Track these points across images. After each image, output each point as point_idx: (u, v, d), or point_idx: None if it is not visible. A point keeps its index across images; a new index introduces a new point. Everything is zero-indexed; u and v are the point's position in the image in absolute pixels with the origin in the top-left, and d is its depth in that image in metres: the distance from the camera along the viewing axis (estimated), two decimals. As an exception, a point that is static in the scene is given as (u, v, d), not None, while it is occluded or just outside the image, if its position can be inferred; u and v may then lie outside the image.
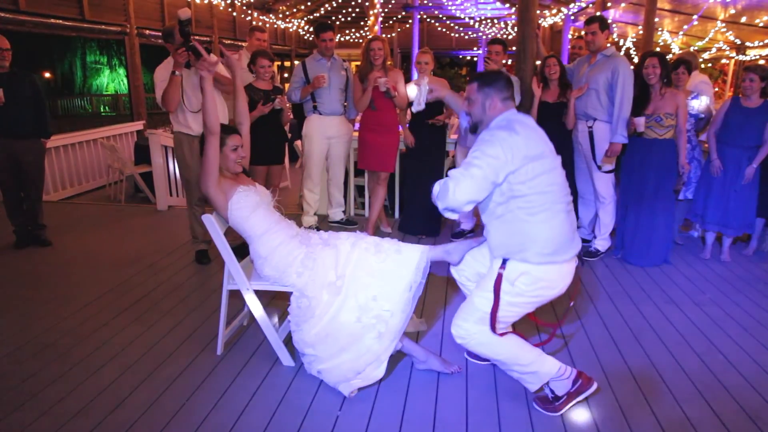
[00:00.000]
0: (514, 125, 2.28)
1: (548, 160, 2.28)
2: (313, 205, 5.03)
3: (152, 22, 10.63)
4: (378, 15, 9.43)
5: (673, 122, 4.07)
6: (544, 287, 2.34)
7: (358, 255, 2.64)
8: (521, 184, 2.22)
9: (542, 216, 2.25)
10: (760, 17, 9.77)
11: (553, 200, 2.27)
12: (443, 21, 18.53)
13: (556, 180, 2.29)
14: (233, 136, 2.82)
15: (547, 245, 2.26)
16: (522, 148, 2.21)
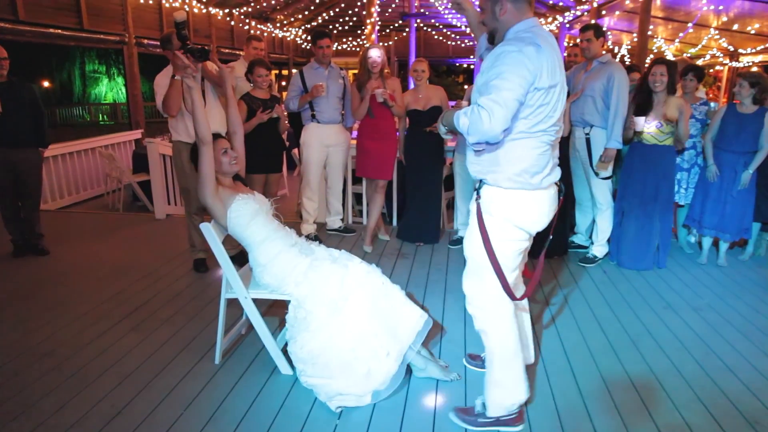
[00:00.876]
0: (539, 40, 2.04)
1: (557, 91, 2.09)
2: (312, 213, 5.03)
3: (151, 32, 10.67)
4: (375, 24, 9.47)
5: (672, 129, 4.10)
6: (520, 217, 2.19)
7: (370, 286, 2.64)
8: (525, 107, 2.06)
9: (524, 142, 2.12)
10: (752, 25, 9.86)
11: (541, 132, 2.12)
12: (440, 29, 18.64)
13: (554, 114, 2.12)
14: (219, 141, 2.83)
15: (516, 167, 2.13)
16: (547, 71, 2.02)
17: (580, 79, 4.39)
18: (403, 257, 4.64)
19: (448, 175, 5.36)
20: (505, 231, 2.21)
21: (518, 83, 1.97)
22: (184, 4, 11.40)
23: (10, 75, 4.44)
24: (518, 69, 1.97)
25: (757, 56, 11.63)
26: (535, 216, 2.22)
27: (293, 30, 17.57)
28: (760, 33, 10.09)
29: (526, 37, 2.04)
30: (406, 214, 5.12)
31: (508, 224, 2.20)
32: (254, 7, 14.09)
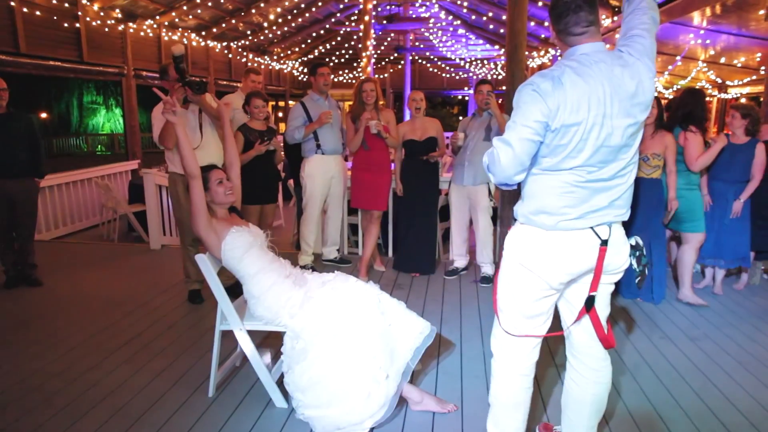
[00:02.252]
0: (570, 72, 1.86)
1: (582, 130, 1.85)
2: (312, 245, 5.02)
3: (149, 64, 10.81)
4: (371, 56, 9.65)
5: (660, 162, 4.15)
6: (529, 257, 1.99)
7: (365, 307, 2.64)
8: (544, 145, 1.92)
9: (543, 178, 1.96)
10: (738, 58, 10.08)
11: (566, 171, 1.91)
12: (434, 62, 18.97)
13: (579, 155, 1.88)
14: (214, 171, 2.85)
15: (533, 203, 1.98)
16: (568, 108, 1.83)
17: None
18: (399, 288, 4.62)
19: (443, 205, 5.40)
20: (514, 269, 2.05)
21: (531, 122, 1.85)
22: (183, 37, 11.59)
23: (9, 106, 4.48)
24: (530, 107, 1.85)
25: (745, 88, 11.86)
26: (547, 260, 1.97)
27: (290, 62, 17.84)
28: (746, 66, 10.31)
29: (556, 69, 1.90)
30: (401, 244, 5.12)
31: (516, 263, 2.03)
32: (252, 41, 14.33)
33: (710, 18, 8.33)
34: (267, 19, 13.40)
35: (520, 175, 1.92)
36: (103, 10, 9.09)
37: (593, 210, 1.95)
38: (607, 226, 1.99)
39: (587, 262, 1.99)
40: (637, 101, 1.88)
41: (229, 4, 11.69)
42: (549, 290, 2.02)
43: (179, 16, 10.96)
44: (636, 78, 1.87)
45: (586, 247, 1.97)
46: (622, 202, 2.00)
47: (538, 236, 1.98)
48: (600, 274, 2.01)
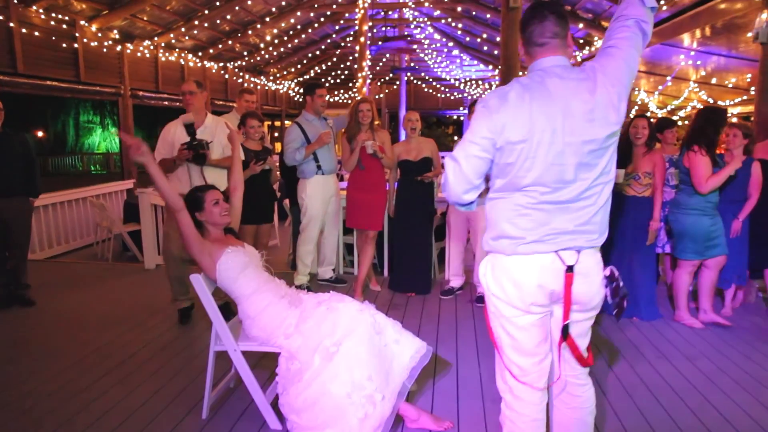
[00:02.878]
0: (513, 89, 1.84)
1: (527, 148, 1.80)
2: (310, 265, 5.00)
3: (146, 84, 10.88)
4: (366, 77, 9.74)
5: (650, 181, 4.19)
6: (494, 284, 1.93)
7: (362, 328, 2.62)
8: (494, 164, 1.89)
9: (499, 202, 1.91)
10: (729, 79, 10.24)
11: (518, 192, 1.86)
12: (429, 82, 19.17)
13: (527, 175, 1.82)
14: (210, 192, 2.84)
15: (494, 229, 1.92)
16: (514, 126, 1.79)
17: None
18: (395, 308, 4.61)
19: (438, 225, 5.40)
20: (489, 301, 1.98)
21: (477, 138, 1.83)
22: (180, 57, 11.68)
23: (4, 125, 4.49)
24: (478, 123, 1.84)
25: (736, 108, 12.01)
26: (510, 285, 1.88)
27: (286, 83, 17.98)
28: (737, 86, 10.47)
29: (508, 85, 1.88)
30: (397, 264, 5.11)
31: (489, 294, 1.97)
32: (248, 61, 14.46)
33: (700, 40, 8.48)
34: (263, 40, 13.55)
35: (469, 194, 1.88)
36: (101, 30, 9.17)
37: (555, 233, 1.84)
38: (575, 251, 1.86)
39: (552, 288, 1.87)
40: (595, 118, 1.78)
41: (226, 26, 11.82)
42: (527, 314, 1.90)
43: (176, 37, 11.07)
44: (595, 94, 1.78)
45: (548, 272, 1.86)
46: (592, 226, 1.86)
47: (501, 262, 1.91)
48: (569, 302, 1.88)
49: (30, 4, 7.82)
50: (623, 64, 1.83)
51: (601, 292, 1.94)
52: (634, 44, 1.86)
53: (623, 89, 1.82)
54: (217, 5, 10.44)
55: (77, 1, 8.52)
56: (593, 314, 2.00)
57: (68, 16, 8.51)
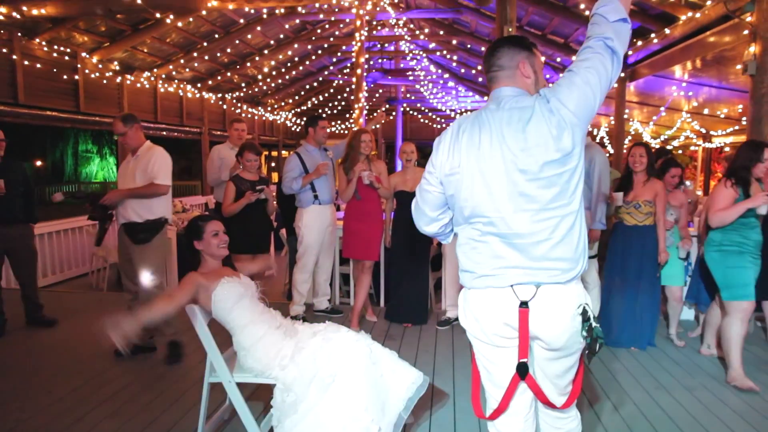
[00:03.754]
0: (453, 125, 1.93)
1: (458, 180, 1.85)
2: (305, 294, 4.98)
3: (145, 114, 10.97)
4: (363, 108, 9.86)
5: (651, 209, 4.21)
6: (462, 316, 1.97)
7: (357, 358, 2.61)
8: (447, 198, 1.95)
9: (459, 236, 1.95)
10: (720, 109, 10.40)
11: (466, 224, 1.89)
12: (425, 113, 19.39)
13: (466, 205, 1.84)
14: (212, 222, 2.86)
15: (459, 262, 1.96)
16: (448, 157, 1.88)
17: None
18: (391, 339, 4.57)
19: (435, 255, 5.40)
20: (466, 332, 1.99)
21: (427, 174, 1.95)
22: (179, 89, 11.82)
23: (4, 155, 4.57)
24: (429, 160, 1.96)
25: (729, 137, 12.16)
26: (469, 319, 1.91)
27: (283, 113, 18.18)
28: (728, 117, 10.62)
29: (456, 120, 1.95)
30: (393, 294, 5.10)
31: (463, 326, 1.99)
32: (246, 92, 14.63)
33: (691, 71, 8.64)
34: (261, 71, 13.74)
35: (429, 226, 1.99)
36: (101, 62, 9.30)
37: (508, 267, 1.78)
38: (533, 286, 1.78)
39: (509, 321, 1.80)
40: (528, 147, 1.74)
41: (224, 57, 12.01)
42: (492, 348, 1.87)
43: (176, 68, 11.22)
44: (529, 123, 1.75)
45: (503, 307, 1.80)
46: (552, 262, 1.77)
47: (464, 295, 1.94)
48: (526, 339, 1.78)
49: (33, 36, 7.95)
50: (575, 90, 1.74)
51: (570, 331, 1.79)
52: (594, 66, 1.76)
53: (571, 116, 1.73)
54: (216, 38, 10.62)
55: (79, 34, 8.66)
56: (567, 355, 1.86)
57: (70, 48, 8.65)
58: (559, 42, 10.23)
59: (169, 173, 4.10)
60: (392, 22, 11.92)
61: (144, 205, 4.02)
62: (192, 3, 6.39)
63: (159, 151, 4.11)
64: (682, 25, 6.99)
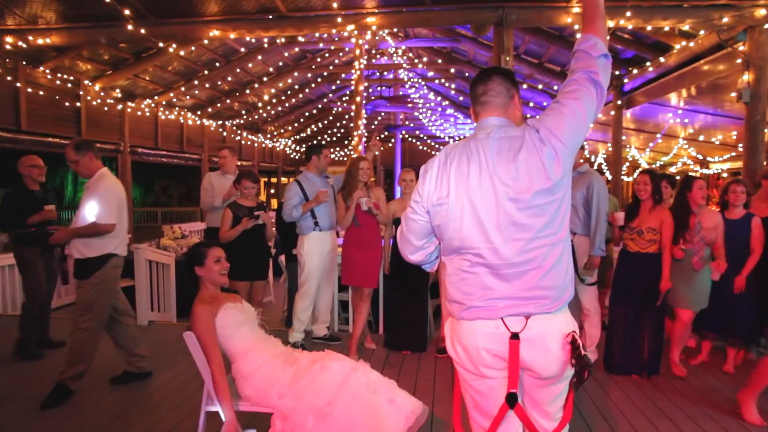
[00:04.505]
0: (440, 154, 1.93)
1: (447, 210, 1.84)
2: (305, 322, 4.95)
3: (145, 141, 11.06)
4: (362, 135, 9.94)
5: (655, 237, 4.20)
6: (450, 347, 1.94)
7: (355, 387, 2.59)
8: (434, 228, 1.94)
9: (447, 266, 1.94)
10: (716, 136, 10.50)
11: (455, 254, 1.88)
12: (424, 140, 19.55)
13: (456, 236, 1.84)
14: (214, 249, 2.86)
15: (447, 292, 1.93)
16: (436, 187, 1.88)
17: None
18: (390, 366, 4.53)
19: (434, 282, 5.38)
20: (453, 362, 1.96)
21: (412, 202, 1.95)
22: (180, 116, 11.94)
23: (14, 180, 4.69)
24: (415, 189, 1.97)
25: (726, 164, 12.25)
26: (458, 350, 1.89)
27: (283, 140, 18.32)
28: (724, 143, 10.72)
29: (443, 149, 1.96)
30: (392, 321, 5.06)
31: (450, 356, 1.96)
32: (246, 119, 14.77)
33: (686, 99, 8.75)
34: (261, 99, 13.90)
35: (415, 255, 1.97)
36: (104, 89, 9.41)
37: (498, 298, 1.78)
38: (523, 317, 1.78)
39: (499, 353, 1.80)
40: (519, 176, 1.75)
41: (225, 85, 12.15)
42: (478, 378, 1.87)
43: (177, 96, 11.35)
44: (520, 152, 1.76)
45: (493, 339, 1.79)
46: (542, 291, 1.77)
47: (453, 325, 1.92)
48: (516, 370, 1.78)
49: (38, 65, 8.07)
50: (563, 120, 1.77)
51: (560, 359, 1.79)
52: (581, 97, 1.79)
53: (561, 146, 1.75)
54: (217, 66, 10.77)
55: (83, 62, 8.78)
56: (556, 383, 1.86)
57: (73, 76, 8.76)
58: (556, 70, 10.38)
59: (112, 210, 3.83)
60: (391, 50, 12.10)
61: (82, 241, 3.82)
62: (194, 32, 6.49)
63: (104, 185, 3.84)
64: (676, 54, 7.11)
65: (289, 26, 6.26)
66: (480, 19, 5.98)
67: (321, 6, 5.97)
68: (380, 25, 6.24)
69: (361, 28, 6.25)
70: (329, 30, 6.52)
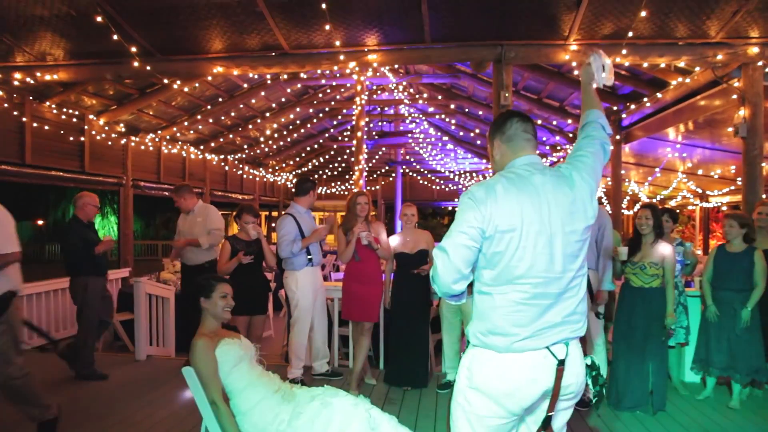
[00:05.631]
0: (498, 183, 1.93)
1: (516, 236, 1.87)
2: (303, 358, 4.89)
3: (148, 175, 11.13)
4: (363, 169, 10.01)
5: (657, 271, 4.19)
6: (484, 383, 1.87)
7: (356, 424, 2.55)
8: (482, 255, 1.93)
9: (489, 297, 1.91)
10: (714, 170, 10.57)
11: (508, 284, 1.88)
12: (425, 174, 19.67)
13: (520, 264, 1.87)
14: (222, 284, 2.86)
15: (483, 324, 1.90)
16: (501, 215, 1.87)
17: None
18: (390, 403, 4.45)
19: (435, 317, 5.34)
20: (470, 395, 1.92)
21: (465, 228, 1.87)
22: (182, 150, 12.05)
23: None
24: (465, 213, 1.89)
25: (725, 197, 12.28)
26: (504, 385, 1.86)
27: (284, 174, 18.44)
28: (723, 177, 10.77)
29: (492, 179, 1.98)
30: (393, 357, 5.01)
31: (472, 388, 1.91)
32: (248, 154, 14.90)
33: (684, 134, 8.84)
34: (263, 133, 14.05)
35: (458, 284, 1.88)
36: (108, 124, 9.52)
37: (546, 327, 1.87)
38: (563, 344, 1.90)
39: (545, 384, 1.87)
40: (575, 210, 1.93)
41: (227, 120, 12.30)
42: (508, 417, 1.89)
43: (180, 130, 11.48)
44: (573, 189, 1.95)
45: (543, 369, 1.86)
46: (577, 316, 1.93)
47: (493, 359, 1.88)
48: (557, 395, 1.89)
49: (44, 100, 8.19)
50: (591, 168, 2.03)
51: (584, 381, 1.98)
52: (599, 158, 2.08)
53: (594, 189, 2.00)
54: (220, 101, 10.92)
55: (88, 97, 8.91)
56: (573, 403, 2.03)
57: (78, 110, 8.88)
58: (555, 105, 10.51)
59: (10, 238, 3.44)
60: (392, 86, 12.28)
61: None
62: (198, 69, 6.61)
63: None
64: (673, 90, 7.22)
65: (292, 63, 6.37)
66: (479, 57, 6.09)
67: (323, 44, 6.08)
68: (381, 62, 6.36)
69: (363, 65, 6.37)
70: (331, 67, 6.64)
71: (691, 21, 5.33)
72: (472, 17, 5.68)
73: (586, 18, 5.33)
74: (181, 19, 5.63)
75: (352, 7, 5.46)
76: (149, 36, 5.98)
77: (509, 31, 5.81)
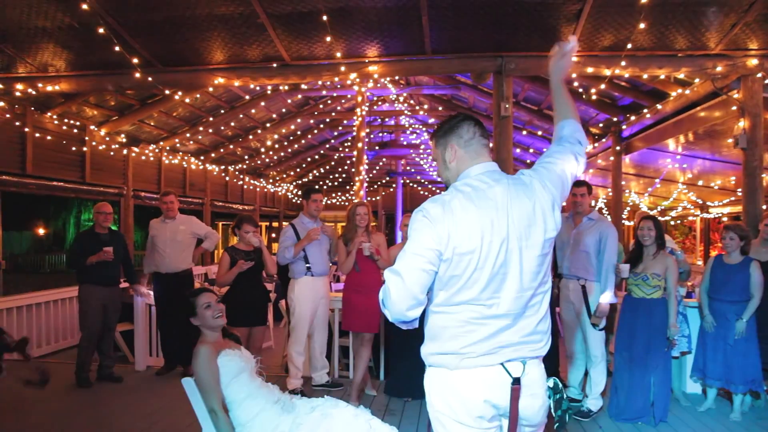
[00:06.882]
0: (454, 199, 1.75)
1: (476, 258, 1.72)
2: (301, 368, 4.88)
3: (148, 185, 11.14)
4: (363, 180, 10.03)
5: (659, 283, 4.18)
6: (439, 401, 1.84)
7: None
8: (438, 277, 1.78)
9: (443, 316, 1.81)
10: (714, 181, 10.57)
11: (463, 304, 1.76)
12: (425, 185, 19.70)
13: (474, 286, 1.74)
14: (202, 295, 2.85)
15: (435, 344, 1.82)
16: (459, 235, 1.71)
17: (570, 234, 4.53)
18: (391, 414, 4.43)
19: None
20: (433, 418, 1.87)
21: (421, 250, 1.70)
22: (183, 161, 12.07)
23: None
24: (421, 234, 1.72)
25: (725, 208, 12.28)
26: (454, 402, 1.77)
27: (285, 185, 18.46)
28: (723, 188, 10.77)
29: (446, 193, 1.81)
30: (393, 368, 4.98)
31: (433, 410, 1.86)
32: (249, 164, 14.93)
33: (684, 145, 8.86)
34: (264, 144, 14.08)
35: (413, 310, 1.73)
36: (109, 135, 9.55)
37: (501, 345, 1.74)
38: (520, 362, 1.76)
39: (498, 401, 1.75)
40: (533, 222, 1.77)
41: (228, 131, 12.34)
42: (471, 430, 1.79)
43: (181, 141, 11.51)
44: (532, 198, 1.78)
45: (494, 386, 1.74)
46: (537, 336, 1.79)
47: (444, 378, 1.80)
48: (516, 418, 1.74)
49: (45, 110, 8.22)
50: (557, 177, 1.88)
51: (546, 405, 1.81)
52: (569, 167, 1.93)
53: (557, 199, 1.84)
54: (221, 112, 10.96)
55: (89, 108, 8.95)
56: (538, 430, 1.88)
57: (79, 121, 8.91)
58: (555, 117, 10.53)
59: None
60: (393, 97, 12.33)
61: None
62: (200, 80, 6.64)
63: None
64: (672, 101, 7.24)
65: (293, 74, 6.40)
66: (480, 68, 6.12)
67: (324, 55, 6.11)
68: (382, 73, 6.39)
69: (364, 76, 6.39)
70: (332, 78, 6.67)
71: (690, 33, 5.37)
72: (472, 29, 5.71)
73: (586, 30, 5.36)
74: (183, 31, 5.67)
75: (353, 18, 5.50)
76: (151, 47, 6.02)
77: (509, 43, 5.85)
